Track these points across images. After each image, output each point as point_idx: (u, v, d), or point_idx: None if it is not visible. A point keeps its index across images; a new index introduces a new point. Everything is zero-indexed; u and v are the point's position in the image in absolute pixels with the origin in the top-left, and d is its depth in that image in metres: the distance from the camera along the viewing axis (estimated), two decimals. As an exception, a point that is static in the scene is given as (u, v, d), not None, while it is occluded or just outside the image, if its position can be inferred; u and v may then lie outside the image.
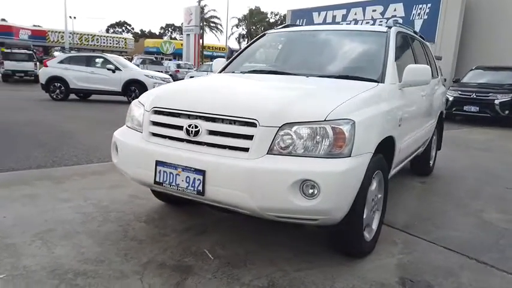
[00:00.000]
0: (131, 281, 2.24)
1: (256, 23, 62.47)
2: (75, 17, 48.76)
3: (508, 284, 2.45)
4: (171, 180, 2.36)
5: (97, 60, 13.14)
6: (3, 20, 57.87)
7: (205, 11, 50.57)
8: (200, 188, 2.26)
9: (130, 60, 26.56)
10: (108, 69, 12.53)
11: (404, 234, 3.13)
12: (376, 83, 2.93)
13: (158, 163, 2.41)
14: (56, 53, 16.00)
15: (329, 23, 20.15)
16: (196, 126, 2.35)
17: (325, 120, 2.19)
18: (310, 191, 2.11)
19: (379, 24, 18.20)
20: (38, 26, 56.95)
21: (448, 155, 6.46)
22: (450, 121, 11.38)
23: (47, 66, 12.90)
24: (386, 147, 2.87)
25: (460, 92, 11.18)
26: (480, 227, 3.36)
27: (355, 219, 2.42)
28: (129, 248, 2.64)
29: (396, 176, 4.76)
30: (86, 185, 3.92)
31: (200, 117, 2.37)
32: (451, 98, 11.14)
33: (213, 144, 2.31)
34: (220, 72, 3.73)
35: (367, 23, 18.70)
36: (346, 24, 19.16)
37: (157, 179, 2.42)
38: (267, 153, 2.18)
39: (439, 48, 16.22)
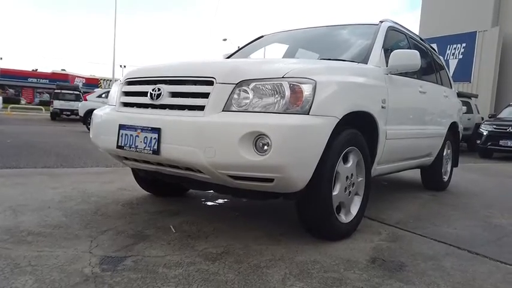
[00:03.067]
0: (81, 241, 2.18)
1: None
2: (125, 66, 52.12)
3: (500, 272, 2.14)
4: (131, 143, 2.34)
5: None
6: (63, 70, 62.97)
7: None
8: (156, 146, 2.22)
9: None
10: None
11: (393, 228, 2.88)
12: (358, 62, 2.85)
13: (121, 126, 2.41)
14: (95, 90, 16.98)
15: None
16: (159, 89, 2.35)
17: (283, 77, 2.13)
18: (262, 145, 2.01)
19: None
20: (93, 75, 61.31)
21: (473, 179, 6.06)
22: (486, 157, 10.79)
23: (86, 100, 13.69)
24: (368, 128, 2.74)
25: (495, 126, 10.62)
26: (484, 228, 3.04)
27: (321, 189, 2.26)
28: (94, 220, 2.60)
29: (406, 189, 4.52)
30: (80, 180, 3.97)
31: (163, 81, 2.39)
32: (485, 133, 10.60)
33: (173, 106, 2.29)
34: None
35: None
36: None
37: (119, 143, 2.41)
38: (223, 111, 2.13)
39: (476, 87, 15.72)
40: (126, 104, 2.57)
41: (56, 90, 21.99)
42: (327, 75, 2.31)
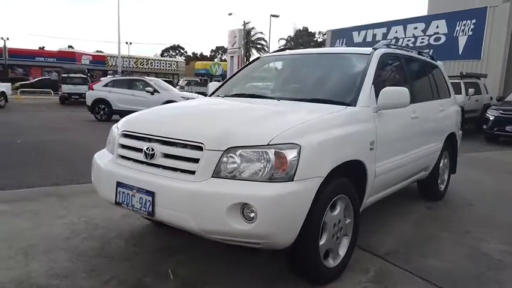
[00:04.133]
0: (85, 296, 2.36)
1: (303, 44, 62.82)
2: (131, 43, 51.85)
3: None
4: (128, 201, 2.48)
5: (137, 83, 13.90)
6: (70, 47, 62.79)
7: (252, 33, 51.77)
8: (150, 209, 2.35)
9: (177, 82, 27.63)
10: (147, 91, 13.18)
11: (382, 261, 3.02)
12: (345, 106, 2.91)
13: (118, 184, 2.54)
14: (102, 78, 17.08)
15: (369, 42, 19.87)
16: (152, 149, 2.46)
17: (268, 144, 2.22)
18: (249, 214, 2.13)
19: (420, 42, 17.72)
20: (100, 51, 61.06)
21: (473, 178, 6.12)
22: (493, 142, 10.75)
23: (93, 89, 13.81)
24: (356, 171, 2.84)
25: (501, 111, 10.53)
26: (471, 257, 3.16)
27: (307, 244, 2.40)
28: (99, 264, 2.78)
29: (402, 200, 4.62)
30: (87, 203, 4.14)
31: (157, 141, 2.49)
32: (491, 118, 10.52)
33: (166, 167, 2.40)
34: (210, 95, 3.86)
35: (408, 41, 18.20)
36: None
37: (117, 199, 2.55)
38: (212, 177, 2.24)
39: (486, 65, 15.40)
40: (123, 157, 2.69)
41: (63, 75, 22.16)
42: (313, 135, 2.39)
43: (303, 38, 65.11)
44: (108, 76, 17.27)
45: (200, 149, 2.29)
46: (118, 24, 31.65)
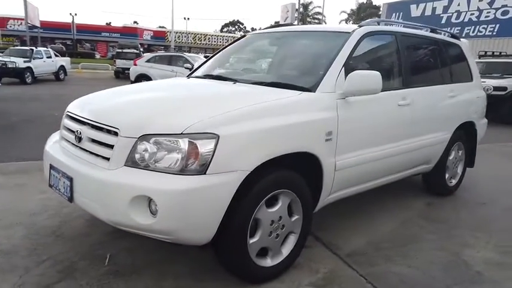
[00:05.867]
0: (11, 276, 2.39)
1: (365, 18, 59.88)
2: (188, 18, 52.69)
3: None
4: (56, 184, 2.45)
5: (178, 59, 14.07)
6: (135, 22, 65.27)
7: (310, 7, 50.28)
8: (69, 194, 2.30)
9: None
10: (186, 67, 13.31)
11: (339, 262, 2.77)
12: (301, 92, 2.63)
13: (51, 167, 2.52)
14: (144, 54, 17.52)
15: (428, 16, 18.39)
16: (80, 133, 2.40)
17: (181, 133, 2.05)
18: (154, 208, 2.00)
19: (485, 17, 16.08)
20: (163, 27, 62.79)
21: (501, 174, 5.44)
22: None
23: (136, 65, 14.22)
24: (309, 164, 2.58)
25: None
26: (447, 265, 2.81)
27: (232, 241, 2.23)
28: (45, 243, 2.81)
29: (404, 192, 4.24)
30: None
31: (85, 124, 2.42)
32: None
33: (90, 152, 2.33)
34: (189, 75, 3.71)
35: (471, 14, 16.60)
36: (448, 16, 17.34)
37: (50, 182, 2.54)
38: (125, 165, 2.12)
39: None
40: (63, 139, 2.66)
41: (117, 50, 23.04)
42: (241, 124, 2.17)
43: (366, 11, 61.99)
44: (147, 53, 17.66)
45: (116, 134, 2.17)
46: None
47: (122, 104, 2.59)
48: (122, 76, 22.93)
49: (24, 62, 16.59)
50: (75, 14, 47.54)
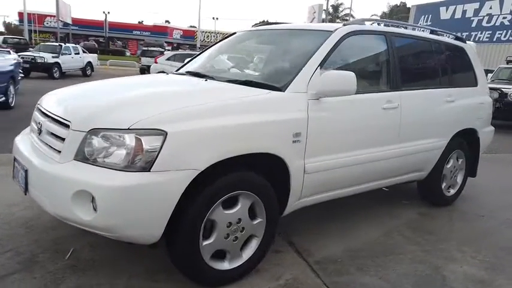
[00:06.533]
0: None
1: (398, 20, 58.63)
2: (217, 18, 53.15)
3: None
4: (17, 175, 2.46)
5: (197, 57, 14.17)
6: (167, 21, 66.46)
7: (340, 9, 49.68)
8: (25, 186, 2.30)
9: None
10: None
11: (306, 269, 2.66)
12: (269, 91, 2.53)
13: (14, 159, 2.53)
14: (165, 52, 17.75)
15: (457, 19, 17.76)
16: (41, 125, 2.40)
17: (128, 128, 2.00)
18: (95, 204, 1.96)
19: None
20: (194, 26, 63.55)
21: (505, 184, 5.14)
22: None
23: (156, 62, 14.41)
24: (275, 166, 2.48)
25: None
26: (420, 280, 2.64)
27: (182, 242, 2.17)
28: (13, 234, 2.82)
29: (397, 199, 4.05)
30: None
31: (46, 116, 2.41)
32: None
33: (47, 144, 2.32)
34: (176, 71, 3.67)
35: (504, 18, 15.89)
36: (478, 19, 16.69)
37: (13, 174, 2.55)
38: (74, 159, 2.09)
39: None
40: (32, 131, 2.66)
41: (143, 48, 23.45)
42: (194, 122, 2.10)
43: (397, 14, 60.64)
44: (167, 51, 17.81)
45: (68, 127, 2.15)
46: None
47: (81, 98, 2.57)
48: (146, 73, 23.33)
49: (53, 57, 17.13)
50: (108, 12, 48.80)
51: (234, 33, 3.88)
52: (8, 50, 10.35)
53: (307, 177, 2.64)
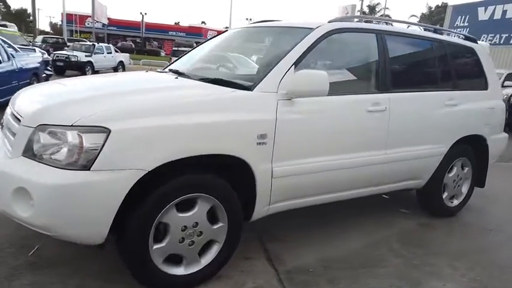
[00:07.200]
0: None
1: (437, 22, 56.64)
2: (251, 19, 53.34)
3: None
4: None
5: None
6: (203, 22, 67.50)
7: (377, 9, 48.62)
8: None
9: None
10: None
11: (272, 278, 2.53)
12: (234, 90, 2.42)
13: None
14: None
15: (497, 20, 16.88)
16: (3, 119, 2.40)
17: (71, 125, 1.95)
18: (32, 201, 1.92)
19: None
20: (228, 28, 64.29)
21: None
22: None
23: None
24: (239, 169, 2.37)
25: None
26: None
27: (131, 245, 2.10)
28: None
29: (399, 209, 3.83)
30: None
31: (12, 112, 2.41)
32: None
33: (6, 139, 2.31)
34: (164, 68, 3.62)
35: (548, 19, 14.91)
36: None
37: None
38: (22, 155, 2.06)
39: None
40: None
41: (173, 48, 23.82)
42: (139, 119, 2.01)
43: (438, 14, 58.51)
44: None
45: (19, 122, 2.13)
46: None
47: (43, 95, 2.54)
48: (177, 73, 23.77)
49: (86, 56, 17.67)
50: (145, 14, 49.87)
51: (225, 30, 3.79)
52: (34, 48, 10.71)
53: (275, 181, 2.50)
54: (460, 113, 3.51)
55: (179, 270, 2.28)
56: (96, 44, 19.73)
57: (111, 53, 19.90)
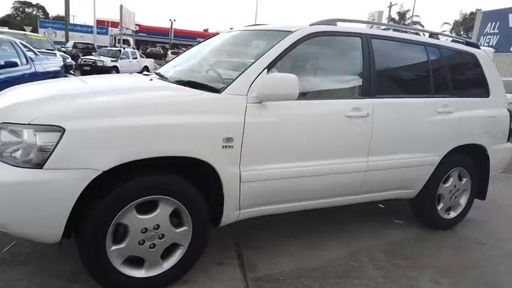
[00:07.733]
0: None
1: (471, 29, 55.00)
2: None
3: None
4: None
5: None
6: (231, 29, 68.32)
7: (407, 16, 47.71)
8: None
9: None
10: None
11: (239, 285, 2.47)
12: (203, 92, 2.40)
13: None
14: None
15: (529, 27, 16.21)
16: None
17: (28, 123, 1.97)
18: None
19: None
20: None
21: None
22: None
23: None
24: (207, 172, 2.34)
25: None
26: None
27: (86, 245, 2.10)
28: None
29: (395, 219, 3.70)
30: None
31: None
32: None
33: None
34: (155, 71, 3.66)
35: None
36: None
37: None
38: (-14, 153, 2.11)
39: None
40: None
41: (175, 50, 24.02)
42: (96, 119, 2.01)
43: (472, 22, 56.79)
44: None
45: (-13, 121, 2.18)
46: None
47: (16, 94, 2.59)
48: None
49: (112, 61, 18.17)
50: (174, 20, 50.96)
51: (216, 34, 3.79)
52: (55, 52, 11.10)
53: (244, 186, 2.45)
54: (456, 121, 3.36)
55: (140, 273, 2.27)
56: (122, 49, 20.26)
57: (136, 58, 20.40)
